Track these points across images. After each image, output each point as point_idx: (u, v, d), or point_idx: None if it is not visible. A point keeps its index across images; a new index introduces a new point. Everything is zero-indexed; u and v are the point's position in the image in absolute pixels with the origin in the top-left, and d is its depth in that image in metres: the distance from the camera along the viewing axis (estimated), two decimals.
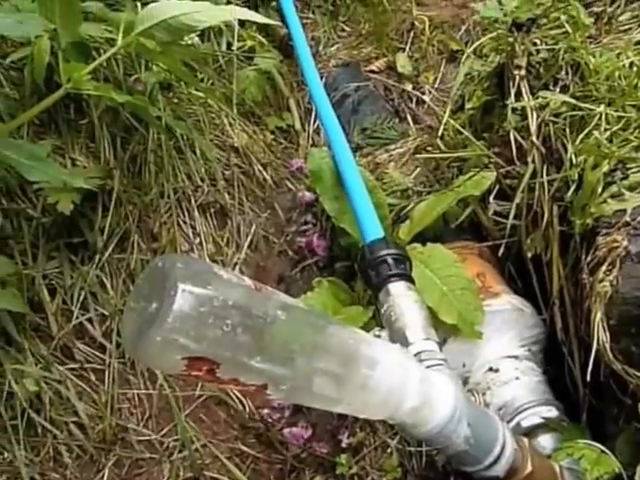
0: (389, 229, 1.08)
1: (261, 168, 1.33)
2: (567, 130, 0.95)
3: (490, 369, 0.96)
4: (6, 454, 0.94)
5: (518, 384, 0.94)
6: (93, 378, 1.01)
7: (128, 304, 0.53)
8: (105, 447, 0.98)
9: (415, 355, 0.73)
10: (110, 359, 1.02)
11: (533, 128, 0.98)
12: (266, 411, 1.06)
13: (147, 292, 0.50)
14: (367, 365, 0.58)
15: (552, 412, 0.91)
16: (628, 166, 0.88)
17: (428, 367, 0.71)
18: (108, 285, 1.07)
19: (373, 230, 0.88)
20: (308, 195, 1.30)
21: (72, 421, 0.97)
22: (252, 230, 1.24)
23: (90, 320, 1.04)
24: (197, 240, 1.18)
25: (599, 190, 0.88)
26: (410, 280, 0.83)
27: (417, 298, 0.80)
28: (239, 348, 0.50)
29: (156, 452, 0.99)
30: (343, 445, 1.03)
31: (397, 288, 0.81)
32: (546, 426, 0.88)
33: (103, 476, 0.96)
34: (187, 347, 0.48)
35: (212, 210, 1.23)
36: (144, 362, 0.51)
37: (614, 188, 0.87)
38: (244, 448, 1.03)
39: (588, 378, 0.82)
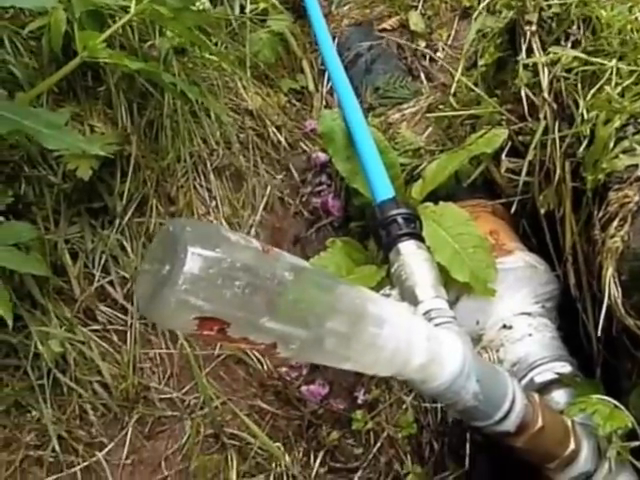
0: (401, 189, 1.08)
1: (275, 130, 1.33)
2: (579, 85, 0.94)
3: (504, 326, 0.97)
4: (34, 412, 0.98)
5: (532, 340, 0.95)
6: (115, 339, 1.04)
7: (142, 266, 0.55)
8: (128, 405, 1.01)
9: (425, 313, 0.74)
10: (132, 320, 1.05)
11: (545, 84, 0.97)
12: (284, 369, 1.08)
13: (160, 255, 0.52)
14: (374, 323, 0.59)
15: (566, 368, 0.91)
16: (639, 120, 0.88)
17: (437, 325, 0.72)
18: (128, 248, 1.09)
19: (383, 190, 0.89)
20: (322, 156, 1.30)
21: (96, 380, 1.00)
22: (267, 192, 1.25)
23: (111, 283, 1.06)
24: (213, 203, 1.19)
25: (611, 145, 0.88)
26: (420, 239, 0.83)
27: (427, 257, 0.81)
28: (248, 308, 0.51)
29: (177, 410, 1.02)
30: (359, 402, 1.05)
31: (407, 247, 0.81)
32: (560, 382, 0.89)
33: (127, 433, 0.99)
34: (198, 307, 0.50)
35: (227, 173, 1.24)
36: (157, 322, 0.53)
37: (626, 143, 0.86)
38: (263, 405, 1.05)
39: (599, 333, 0.83)
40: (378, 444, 1.02)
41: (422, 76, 1.42)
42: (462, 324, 0.79)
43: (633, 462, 0.80)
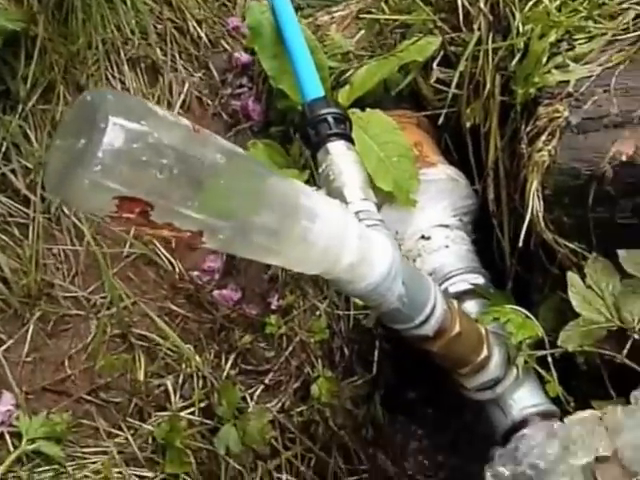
0: (328, 93, 1.04)
1: (195, 25, 1.25)
2: None
3: (422, 237, 0.98)
4: None
5: (448, 252, 0.96)
6: (16, 232, 0.98)
7: (53, 143, 0.50)
8: (30, 302, 0.95)
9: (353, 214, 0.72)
10: (34, 213, 0.98)
11: None
12: (196, 273, 1.05)
13: (75, 128, 0.47)
14: (306, 217, 0.56)
15: (479, 279, 0.93)
16: (575, 37, 0.87)
17: (366, 227, 0.70)
18: (32, 137, 1.01)
19: (314, 89, 0.85)
20: (245, 56, 1.24)
21: None
22: (185, 89, 1.18)
23: (13, 172, 0.99)
24: None
25: (544, 60, 0.87)
26: (350, 140, 0.81)
27: (356, 158, 0.78)
28: (174, 191, 0.47)
29: (83, 309, 0.98)
30: (273, 307, 1.04)
31: (336, 147, 0.79)
32: (473, 292, 0.91)
33: (28, 330, 0.94)
34: (117, 187, 0.45)
35: (143, 65, 1.16)
36: (70, 202, 0.49)
37: (559, 59, 0.86)
38: (173, 307, 1.02)
39: (520, 244, 0.84)
40: (290, 348, 1.02)
41: None
42: None
43: (538, 370, 0.83)
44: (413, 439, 1.09)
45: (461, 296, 0.90)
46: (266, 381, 1.01)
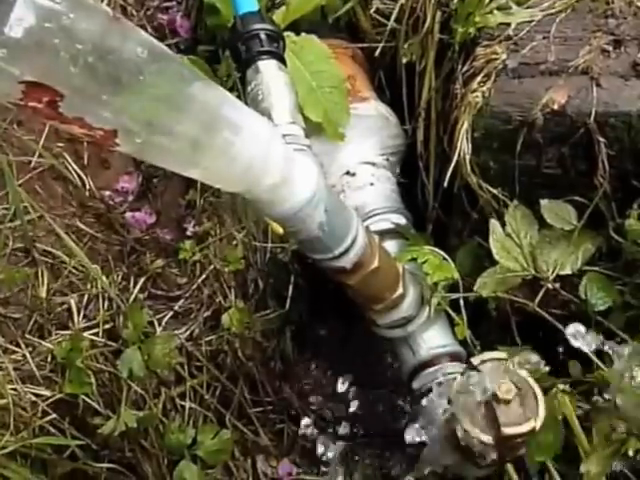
0: (263, 12, 1.00)
1: None
2: None
3: (347, 172, 0.96)
4: None
5: (372, 190, 0.95)
6: None
7: None
8: None
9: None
10: None
11: None
12: (108, 193, 1.01)
13: None
14: (230, 129, 0.53)
15: (401, 220, 0.93)
16: None
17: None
18: None
19: (248, 1, 0.80)
20: None
21: None
22: None
23: None
24: None
25: (486, 0, 0.85)
26: (282, 61, 0.77)
27: (288, 80, 0.75)
28: (87, 82, 0.43)
29: None
30: (188, 233, 1.01)
31: (267, 66, 0.75)
32: (394, 232, 0.91)
33: None
34: (25, 69, 0.41)
35: None
36: None
37: (502, 0, 0.84)
38: (81, 226, 0.98)
39: (445, 185, 0.84)
40: (203, 276, 0.99)
41: None
42: None
43: (449, 312, 0.84)
44: (320, 375, 1.09)
45: (382, 235, 0.89)
46: (176, 307, 0.98)
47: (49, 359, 0.89)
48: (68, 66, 0.41)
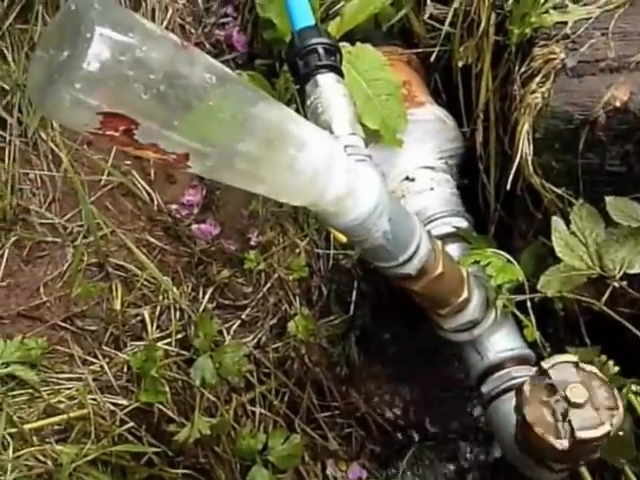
0: (317, 20, 1.01)
1: None
2: None
3: (406, 178, 0.97)
4: None
5: (432, 194, 0.95)
6: None
7: (35, 55, 0.47)
8: (5, 226, 0.93)
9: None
10: (11, 137, 0.95)
11: None
12: (174, 206, 1.04)
13: (58, 39, 0.44)
14: (294, 146, 0.55)
15: (462, 223, 0.93)
16: None
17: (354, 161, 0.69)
18: (9, 57, 0.97)
19: (304, 17, 0.82)
20: None
21: None
22: (168, 16, 1.14)
23: None
24: None
25: (542, 0, 0.85)
26: (340, 73, 0.78)
27: (346, 92, 0.76)
28: (160, 109, 0.45)
29: (59, 236, 0.96)
30: (252, 243, 1.03)
31: (326, 79, 0.76)
32: (455, 235, 0.91)
33: (3, 255, 0.93)
34: (103, 101, 0.43)
35: None
36: (53, 116, 0.46)
37: None
38: (151, 239, 1.01)
39: (508, 187, 0.84)
40: (268, 284, 1.01)
41: None
42: None
43: (516, 313, 0.84)
44: (386, 379, 1.10)
45: (443, 239, 0.90)
46: (243, 316, 1.00)
47: (125, 369, 0.92)
48: (142, 96, 0.44)
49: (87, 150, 0.99)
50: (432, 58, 1.01)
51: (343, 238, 0.85)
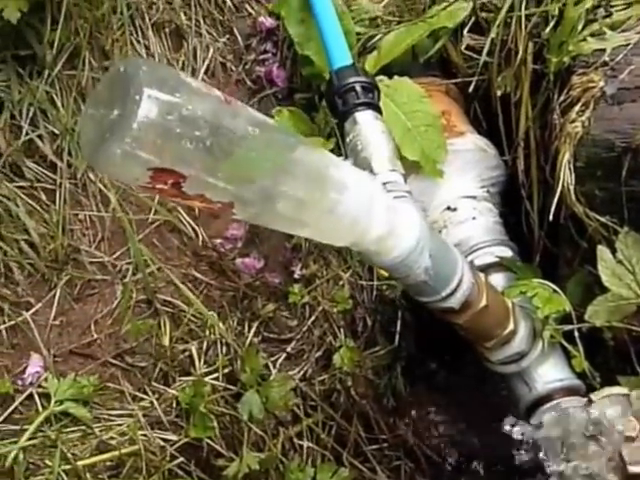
0: (355, 59, 1.03)
1: None
2: None
3: (448, 208, 0.97)
4: None
5: (475, 224, 0.95)
6: (44, 197, 0.98)
7: (85, 111, 0.49)
8: (57, 266, 0.96)
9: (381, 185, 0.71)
10: (61, 179, 0.98)
11: None
12: (219, 241, 1.05)
13: (107, 98, 0.46)
14: (335, 189, 0.56)
15: (506, 252, 0.93)
16: (612, 3, 0.85)
17: (394, 198, 0.69)
18: (58, 102, 1.01)
19: (342, 56, 0.84)
20: (269, 21, 1.22)
21: (23, 239, 0.95)
22: (209, 55, 1.17)
23: (40, 137, 0.99)
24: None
25: (579, 27, 0.85)
26: (378, 110, 0.80)
27: (384, 129, 0.77)
28: (206, 162, 0.47)
29: (108, 274, 0.98)
30: (296, 276, 1.04)
31: (364, 117, 0.78)
32: (499, 265, 0.90)
33: (55, 295, 0.95)
34: (152, 158, 0.45)
35: (167, 30, 1.15)
36: (105, 173, 0.49)
37: (595, 26, 0.84)
38: (197, 275, 1.03)
39: (550, 218, 0.83)
40: (313, 317, 1.02)
41: None
42: None
43: (564, 344, 0.83)
44: (433, 410, 1.10)
45: (487, 269, 0.90)
46: (288, 349, 1.01)
47: (174, 405, 0.94)
48: (189, 151, 0.45)
49: (134, 190, 1.02)
50: (471, 88, 1.01)
51: (386, 273, 0.86)
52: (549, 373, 0.84)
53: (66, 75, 1.03)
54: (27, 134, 0.98)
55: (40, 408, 0.89)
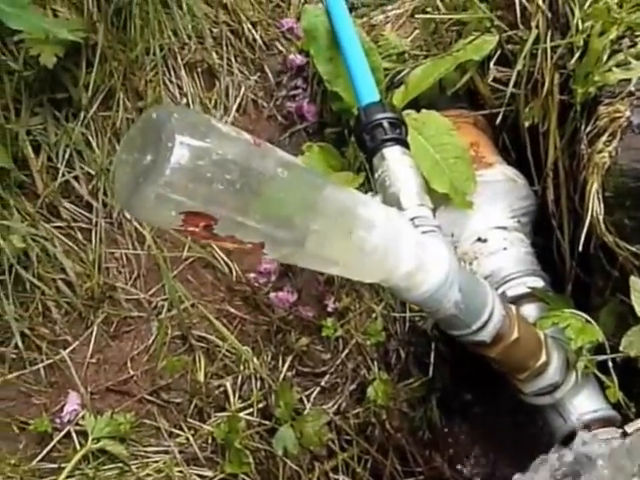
0: (383, 94, 1.05)
1: (250, 27, 1.26)
2: None
3: (478, 239, 0.97)
4: None
5: (506, 254, 0.95)
6: (80, 237, 1.00)
7: (119, 156, 0.51)
8: (93, 304, 0.98)
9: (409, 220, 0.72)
10: (97, 218, 1.01)
11: None
12: (252, 275, 1.06)
13: (140, 144, 0.48)
14: (364, 227, 0.57)
15: (538, 282, 0.92)
16: (637, 33, 0.85)
17: (422, 233, 0.70)
18: (94, 143, 1.04)
19: (369, 93, 0.85)
20: (299, 58, 1.24)
21: (60, 278, 0.97)
22: (241, 93, 1.20)
23: (76, 178, 1.02)
24: (184, 100, 1.14)
25: (604, 58, 0.86)
26: (406, 145, 0.81)
27: (412, 164, 0.78)
28: (237, 204, 0.48)
29: (144, 311, 1.00)
30: (329, 310, 1.05)
31: (392, 153, 0.79)
32: (531, 296, 0.90)
33: (92, 332, 0.97)
34: (184, 202, 0.46)
35: (199, 69, 1.18)
36: (138, 216, 0.50)
37: (620, 56, 0.84)
38: (231, 310, 1.04)
39: (580, 248, 0.83)
40: (346, 350, 1.02)
41: None
42: None
43: (598, 375, 0.82)
44: (470, 441, 1.09)
45: (519, 300, 0.89)
46: (322, 383, 1.02)
47: (210, 440, 0.94)
48: (220, 193, 0.47)
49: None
50: (498, 119, 1.01)
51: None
52: (584, 404, 0.83)
53: (101, 116, 1.06)
54: (63, 175, 1.01)
55: (78, 446, 0.91)
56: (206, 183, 0.46)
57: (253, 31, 1.26)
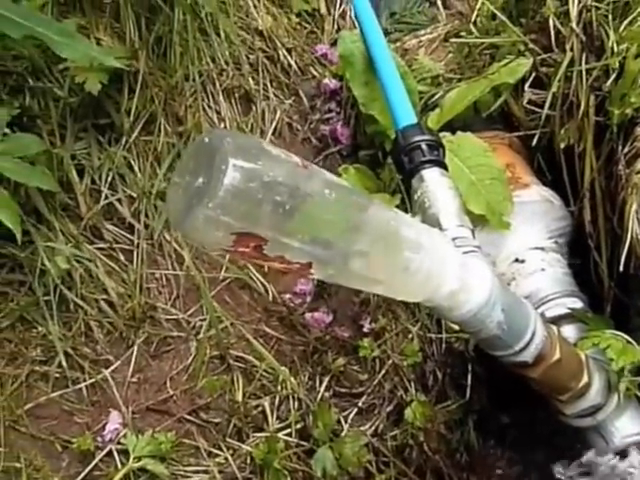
0: (418, 117, 1.06)
1: (286, 53, 1.29)
2: (609, 16, 0.92)
3: (516, 260, 0.97)
4: (40, 328, 0.97)
5: (544, 275, 0.95)
6: (122, 258, 1.02)
7: (172, 180, 0.53)
8: (134, 324, 1.00)
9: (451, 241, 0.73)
10: (138, 240, 1.03)
11: (573, 14, 0.95)
12: (288, 296, 1.07)
13: (193, 167, 0.50)
14: (409, 248, 0.58)
15: (577, 303, 0.92)
16: None
17: (463, 253, 0.71)
18: (135, 167, 1.06)
19: (406, 116, 0.86)
20: (333, 82, 1.27)
21: (102, 298, 0.99)
22: (276, 116, 1.22)
23: (119, 201, 1.04)
24: (222, 125, 1.16)
25: None
26: (444, 167, 0.82)
27: (451, 185, 0.79)
28: (286, 225, 0.49)
29: (183, 331, 1.01)
30: (365, 330, 1.05)
31: (431, 174, 0.80)
32: (570, 317, 0.90)
33: (133, 352, 0.99)
34: (235, 223, 0.48)
35: (236, 95, 1.20)
36: (191, 238, 0.51)
37: None
38: (268, 330, 1.05)
39: (621, 268, 0.83)
40: (383, 371, 1.03)
41: (439, 2, 1.37)
42: None
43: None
44: (507, 464, 1.08)
45: (558, 321, 0.89)
46: (360, 404, 1.02)
47: (249, 461, 0.95)
48: (270, 215, 0.48)
49: (208, 250, 1.05)
50: (534, 141, 1.02)
51: (456, 326, 0.86)
52: (626, 426, 0.82)
53: (142, 141, 1.08)
54: (106, 198, 1.03)
55: (119, 465, 0.92)
56: (256, 204, 0.48)
57: (288, 57, 1.28)
